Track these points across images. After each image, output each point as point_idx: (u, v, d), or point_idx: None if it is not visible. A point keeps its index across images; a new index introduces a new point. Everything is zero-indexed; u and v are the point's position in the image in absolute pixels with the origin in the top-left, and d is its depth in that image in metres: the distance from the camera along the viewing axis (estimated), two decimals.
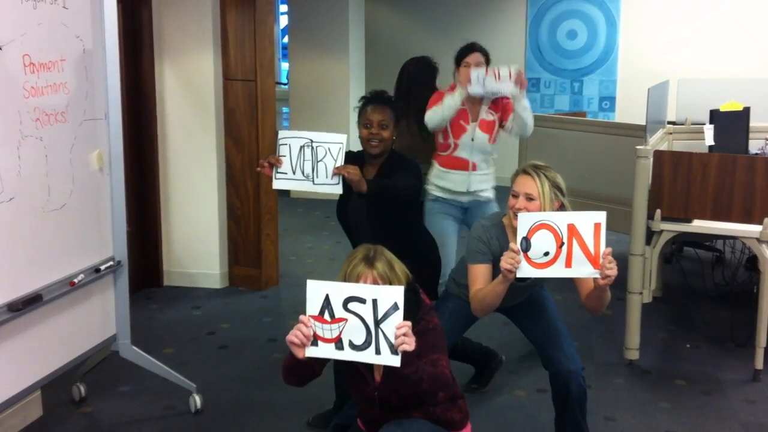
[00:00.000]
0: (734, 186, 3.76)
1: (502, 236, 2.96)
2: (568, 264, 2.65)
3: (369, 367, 2.51)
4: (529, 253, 2.66)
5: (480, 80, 3.67)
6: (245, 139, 5.17)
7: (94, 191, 3.21)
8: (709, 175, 3.80)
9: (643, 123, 4.37)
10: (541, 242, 2.65)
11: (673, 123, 5.25)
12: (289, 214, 7.06)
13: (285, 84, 10.75)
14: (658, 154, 3.94)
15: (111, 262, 3.30)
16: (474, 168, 3.88)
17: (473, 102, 3.85)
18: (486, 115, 3.86)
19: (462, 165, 3.88)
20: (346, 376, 2.63)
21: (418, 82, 4.15)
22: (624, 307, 4.10)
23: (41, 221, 2.89)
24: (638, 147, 3.99)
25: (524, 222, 2.68)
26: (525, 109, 3.78)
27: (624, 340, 4.10)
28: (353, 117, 3.34)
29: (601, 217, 2.63)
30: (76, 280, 3.07)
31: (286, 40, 10.16)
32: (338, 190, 3.04)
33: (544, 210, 2.81)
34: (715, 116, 4.64)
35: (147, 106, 5.10)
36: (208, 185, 5.20)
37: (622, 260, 2.72)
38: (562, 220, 2.64)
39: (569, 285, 3.07)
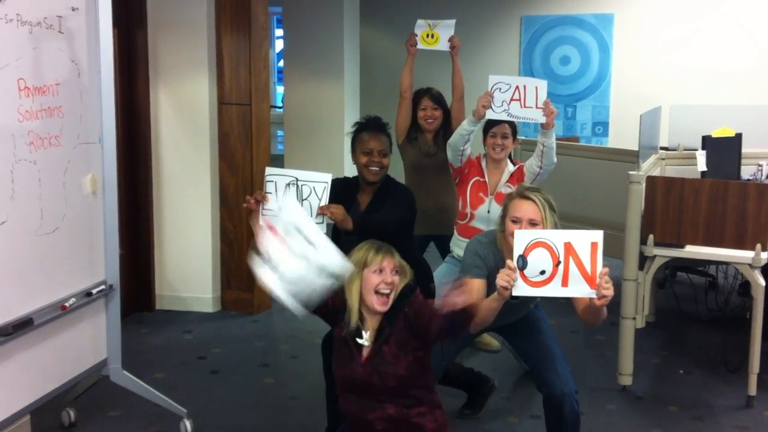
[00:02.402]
0: (726, 212, 3.78)
1: (498, 254, 2.94)
2: (565, 283, 2.62)
3: (357, 345, 2.58)
4: (525, 271, 2.63)
5: (504, 106, 3.60)
6: (239, 162, 5.18)
7: (87, 215, 3.21)
8: (701, 201, 3.82)
9: (636, 148, 4.39)
10: (538, 260, 2.62)
11: (666, 149, 5.28)
12: None
13: (280, 107, 10.78)
14: (651, 180, 3.95)
15: (103, 286, 3.29)
16: None
17: (493, 173, 3.88)
18: (504, 188, 3.82)
19: None
20: (334, 352, 2.67)
21: None
22: (617, 332, 4.09)
23: (33, 244, 2.88)
24: (631, 172, 4.01)
25: (521, 240, 2.64)
26: (552, 148, 3.73)
27: (617, 366, 4.09)
28: (348, 141, 3.35)
29: (598, 236, 2.60)
30: (67, 304, 3.05)
31: (281, 64, 10.20)
32: (322, 229, 3.05)
33: None
34: (708, 142, 4.66)
35: (141, 129, 5.12)
36: (201, 209, 5.20)
37: (616, 285, 2.70)
38: (559, 238, 2.62)
39: (562, 309, 3.06)
